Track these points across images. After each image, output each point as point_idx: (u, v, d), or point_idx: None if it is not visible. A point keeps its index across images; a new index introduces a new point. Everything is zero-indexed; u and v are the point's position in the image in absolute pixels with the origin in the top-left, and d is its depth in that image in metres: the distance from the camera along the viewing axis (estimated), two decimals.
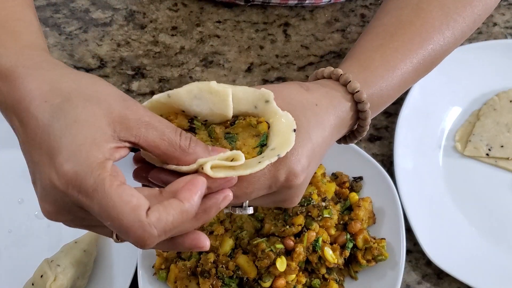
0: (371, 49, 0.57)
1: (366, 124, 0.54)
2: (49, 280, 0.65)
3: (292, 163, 0.46)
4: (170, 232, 0.40)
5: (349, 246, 0.67)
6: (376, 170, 0.72)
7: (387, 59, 0.56)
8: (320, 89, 0.52)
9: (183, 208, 0.40)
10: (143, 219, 0.38)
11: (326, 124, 0.50)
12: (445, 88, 0.80)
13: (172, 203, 0.40)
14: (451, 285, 0.71)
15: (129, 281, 0.68)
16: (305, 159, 0.47)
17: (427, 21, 0.58)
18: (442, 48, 0.59)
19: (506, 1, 0.90)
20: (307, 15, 0.88)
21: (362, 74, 0.54)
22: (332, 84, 0.53)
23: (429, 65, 0.59)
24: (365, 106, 0.52)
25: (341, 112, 0.51)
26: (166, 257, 0.68)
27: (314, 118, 0.48)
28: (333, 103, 0.51)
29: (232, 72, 0.84)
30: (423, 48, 0.57)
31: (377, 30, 0.59)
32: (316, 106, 0.49)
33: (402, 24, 0.58)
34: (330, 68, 0.54)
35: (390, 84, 0.56)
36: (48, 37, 0.86)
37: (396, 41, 0.57)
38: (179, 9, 0.88)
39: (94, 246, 0.70)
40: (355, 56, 0.57)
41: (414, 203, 0.72)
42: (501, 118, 0.79)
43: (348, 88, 0.52)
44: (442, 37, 0.58)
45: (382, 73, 0.55)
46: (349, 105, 0.52)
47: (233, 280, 0.65)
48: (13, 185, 0.76)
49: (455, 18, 0.59)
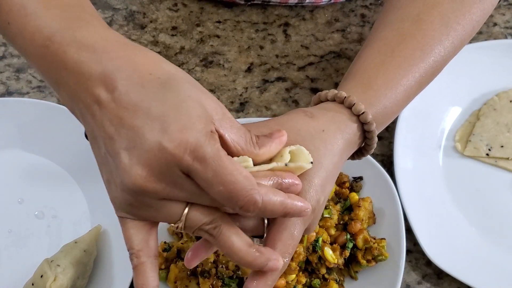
0: (373, 66, 0.57)
1: (373, 143, 0.55)
2: (49, 280, 0.65)
3: (313, 195, 0.47)
4: (269, 211, 0.43)
5: (349, 246, 0.67)
6: (376, 170, 0.72)
7: (390, 77, 0.56)
8: (325, 114, 0.52)
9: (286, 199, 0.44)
10: (255, 186, 0.41)
11: (336, 150, 0.50)
12: (445, 88, 0.80)
13: (279, 191, 0.44)
14: (451, 285, 0.71)
15: (129, 281, 0.68)
16: (321, 188, 0.48)
17: (428, 33, 0.58)
18: (443, 58, 0.59)
19: (506, 1, 0.90)
20: (307, 15, 0.88)
21: (366, 95, 0.54)
22: (337, 107, 0.53)
23: (430, 76, 0.59)
24: (371, 127, 0.53)
25: (348, 134, 0.52)
26: (166, 257, 0.68)
27: (323, 145, 0.49)
28: (340, 127, 0.52)
29: (232, 72, 0.84)
30: (425, 61, 0.58)
31: (378, 44, 0.59)
32: (323, 132, 0.50)
33: (403, 37, 0.58)
34: (333, 91, 0.54)
35: (394, 102, 0.56)
36: None
37: (397, 57, 0.57)
38: (179, 9, 0.88)
39: (94, 246, 0.70)
40: (357, 75, 0.57)
41: (414, 203, 0.72)
42: (501, 118, 0.79)
43: (353, 111, 0.52)
44: (443, 48, 0.59)
45: (385, 91, 0.55)
46: (355, 126, 0.53)
47: (233, 280, 0.65)
48: (13, 185, 0.76)
49: (455, 27, 0.59)
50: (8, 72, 0.84)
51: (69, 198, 0.75)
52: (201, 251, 0.49)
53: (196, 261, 0.49)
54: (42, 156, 0.77)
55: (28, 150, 0.77)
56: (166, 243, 0.68)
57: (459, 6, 0.60)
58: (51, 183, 0.76)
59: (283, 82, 0.83)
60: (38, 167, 0.77)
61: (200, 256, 0.49)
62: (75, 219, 0.74)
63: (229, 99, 0.82)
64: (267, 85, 0.83)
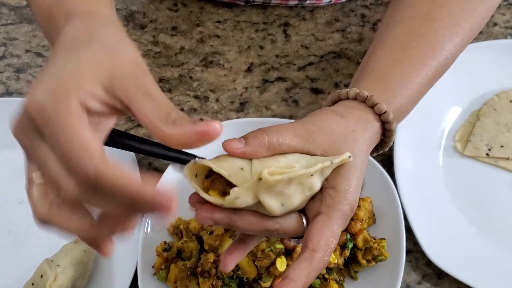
0: (388, 65, 0.58)
1: (391, 140, 0.56)
2: (49, 280, 0.65)
3: (352, 193, 0.48)
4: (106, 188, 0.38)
5: (349, 246, 0.67)
6: (376, 170, 0.72)
7: (405, 76, 0.57)
8: (353, 113, 0.53)
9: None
10: (93, 158, 0.37)
11: (365, 150, 0.52)
12: (445, 88, 0.80)
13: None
14: (451, 285, 0.71)
15: (129, 281, 0.68)
16: (358, 187, 0.49)
17: (438, 32, 0.60)
18: (452, 56, 0.61)
19: (506, 1, 0.90)
20: (307, 15, 0.88)
21: (385, 94, 0.55)
22: (360, 106, 0.54)
23: (441, 73, 0.61)
24: (391, 126, 0.54)
25: (372, 133, 0.53)
26: (166, 257, 0.68)
27: (356, 146, 0.50)
28: (366, 126, 0.53)
29: (232, 72, 0.84)
30: (436, 59, 0.59)
31: (390, 42, 0.60)
32: (353, 132, 0.51)
33: (415, 36, 0.60)
34: (355, 90, 0.55)
35: (409, 100, 0.58)
36: None
37: (411, 56, 0.58)
38: (179, 9, 0.88)
39: None
40: (373, 73, 0.58)
41: (414, 203, 0.72)
42: (501, 118, 0.79)
43: (376, 110, 0.54)
44: (453, 46, 0.60)
45: (401, 90, 0.57)
46: (378, 125, 0.54)
47: (233, 280, 0.65)
48: (13, 185, 0.76)
49: (463, 25, 0.61)
50: (8, 72, 0.84)
51: None
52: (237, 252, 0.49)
53: (234, 263, 0.49)
54: None
55: None
56: (166, 243, 0.68)
57: (467, 5, 0.62)
58: None
59: (283, 82, 0.83)
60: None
61: (236, 258, 0.49)
62: None
63: (229, 99, 0.82)
64: (267, 85, 0.83)
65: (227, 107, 0.81)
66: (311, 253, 0.45)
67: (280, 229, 0.46)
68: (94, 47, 0.42)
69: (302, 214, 0.48)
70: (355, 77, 0.60)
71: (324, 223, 0.46)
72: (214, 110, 0.81)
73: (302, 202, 0.47)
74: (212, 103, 0.82)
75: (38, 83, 0.40)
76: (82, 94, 0.39)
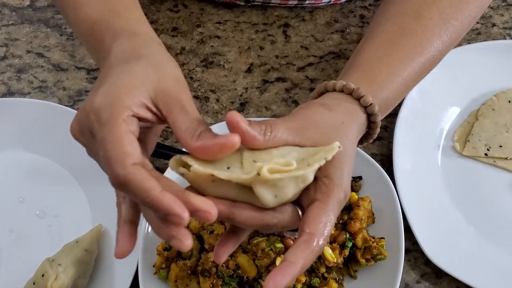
0: (376, 59, 0.59)
1: (375, 132, 0.57)
2: (50, 279, 0.65)
3: (345, 181, 0.49)
4: (131, 193, 0.43)
5: (348, 245, 0.68)
6: (375, 170, 0.72)
7: (392, 71, 0.59)
8: (340, 105, 0.54)
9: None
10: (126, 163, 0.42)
11: (354, 140, 0.53)
12: (444, 88, 0.80)
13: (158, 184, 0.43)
14: (450, 284, 0.71)
15: (129, 280, 0.68)
16: (349, 175, 0.50)
17: (428, 29, 0.61)
18: (441, 52, 0.62)
19: (505, 2, 0.91)
20: (307, 16, 0.88)
21: (371, 88, 0.56)
22: (346, 98, 0.55)
23: (428, 69, 0.62)
24: (377, 118, 0.56)
25: (359, 124, 0.55)
26: (167, 256, 0.68)
27: (345, 137, 0.51)
28: (353, 118, 0.54)
29: (232, 73, 0.84)
30: (424, 56, 0.60)
31: (380, 38, 0.61)
32: (342, 123, 0.52)
33: (404, 32, 0.61)
34: (341, 82, 0.56)
35: (395, 94, 0.59)
36: (49, 38, 0.87)
37: (399, 51, 0.59)
38: (180, 10, 0.89)
39: (95, 246, 0.70)
40: (361, 67, 0.59)
41: (413, 202, 0.73)
42: (500, 118, 0.80)
43: (362, 102, 0.55)
44: (441, 43, 0.61)
45: (388, 84, 0.58)
46: (364, 117, 0.55)
47: (233, 279, 0.65)
48: (14, 185, 0.76)
49: (453, 23, 0.62)
50: (9, 73, 0.84)
51: (70, 197, 0.75)
52: (230, 244, 0.50)
53: (226, 255, 0.49)
54: (43, 156, 0.77)
55: (29, 150, 0.78)
56: (166, 242, 0.68)
57: (457, 3, 0.63)
58: (52, 182, 0.76)
59: (283, 82, 0.84)
60: (39, 167, 0.77)
61: (229, 250, 0.50)
62: (76, 219, 0.74)
63: (229, 100, 0.82)
64: (267, 85, 0.84)
65: (228, 108, 0.82)
66: (308, 236, 0.45)
67: (278, 223, 0.47)
68: (142, 63, 0.49)
69: (296, 206, 0.49)
70: (344, 70, 0.61)
71: (320, 209, 0.47)
72: (214, 110, 0.82)
73: (295, 194, 0.47)
74: (212, 103, 0.82)
75: (97, 90, 0.46)
76: (134, 103, 0.45)
